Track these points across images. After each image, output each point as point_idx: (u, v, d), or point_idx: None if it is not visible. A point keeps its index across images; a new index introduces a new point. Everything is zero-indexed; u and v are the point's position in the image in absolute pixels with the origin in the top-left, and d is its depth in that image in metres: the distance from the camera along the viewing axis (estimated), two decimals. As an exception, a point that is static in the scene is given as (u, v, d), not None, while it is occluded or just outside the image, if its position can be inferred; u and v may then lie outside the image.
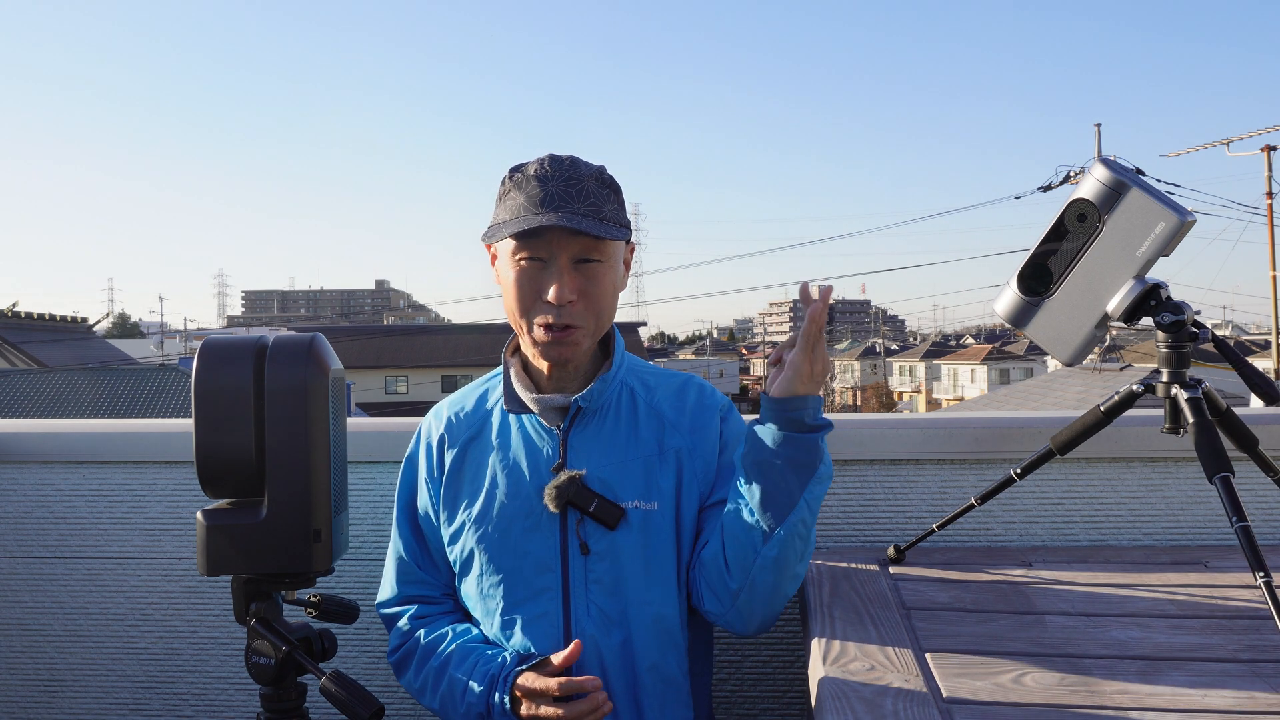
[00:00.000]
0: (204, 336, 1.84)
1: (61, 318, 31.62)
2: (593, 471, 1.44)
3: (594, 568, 1.43)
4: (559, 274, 1.39)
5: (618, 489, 1.44)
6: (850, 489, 1.82)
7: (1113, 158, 1.30)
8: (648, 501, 1.44)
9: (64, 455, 1.95)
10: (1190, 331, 1.28)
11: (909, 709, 1.08)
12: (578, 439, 1.46)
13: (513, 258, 1.41)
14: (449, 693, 1.44)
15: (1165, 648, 1.24)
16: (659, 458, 1.47)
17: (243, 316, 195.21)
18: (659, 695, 1.45)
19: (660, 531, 1.44)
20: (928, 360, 57.72)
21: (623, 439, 1.47)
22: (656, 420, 1.50)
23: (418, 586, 1.57)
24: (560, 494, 1.42)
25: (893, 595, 1.46)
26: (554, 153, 1.43)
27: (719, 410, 1.53)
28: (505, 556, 1.46)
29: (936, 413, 5.60)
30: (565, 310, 1.40)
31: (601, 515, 1.42)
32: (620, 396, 1.50)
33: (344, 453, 1.48)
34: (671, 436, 1.49)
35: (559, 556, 1.44)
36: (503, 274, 1.45)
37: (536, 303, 1.41)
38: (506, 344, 1.55)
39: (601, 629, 1.43)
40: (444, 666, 1.46)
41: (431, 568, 1.57)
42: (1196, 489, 1.77)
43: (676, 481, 1.47)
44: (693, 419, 1.50)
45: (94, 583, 1.95)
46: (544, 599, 1.44)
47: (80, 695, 1.96)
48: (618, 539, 1.43)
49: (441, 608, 1.57)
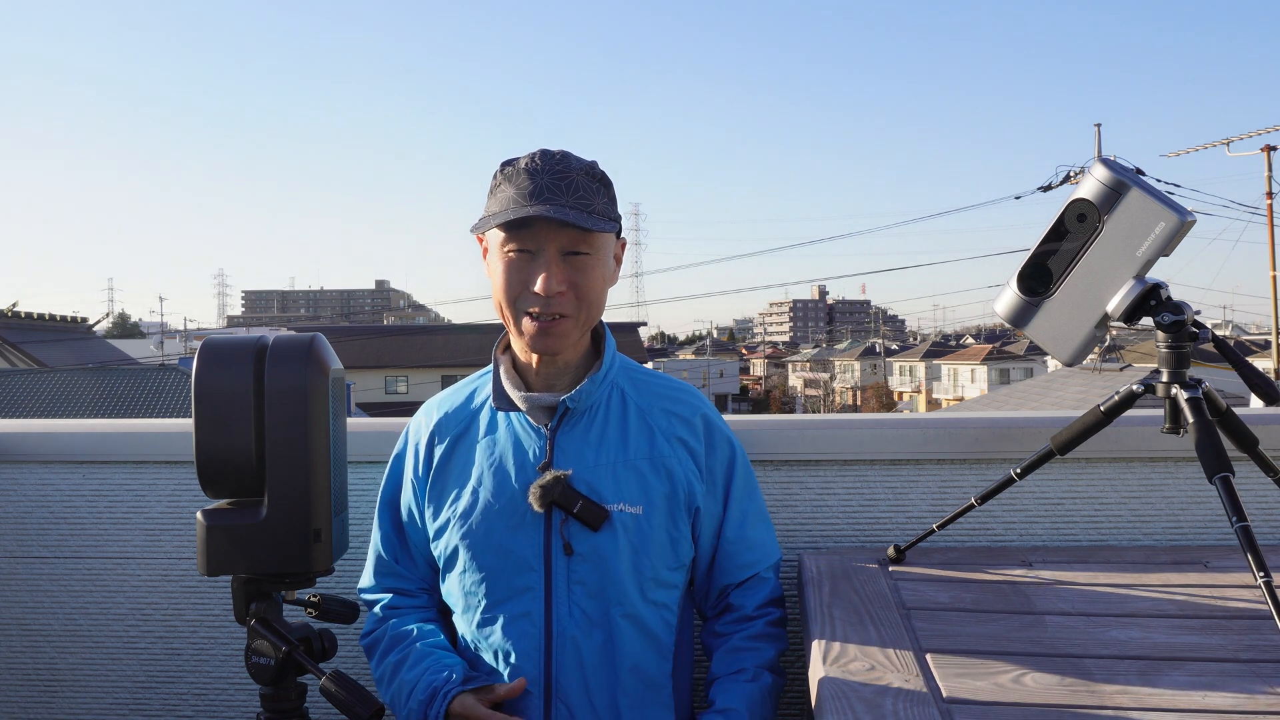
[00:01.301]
0: (204, 336, 1.84)
1: (61, 318, 31.61)
2: (579, 472, 1.44)
3: (577, 568, 1.43)
4: (547, 265, 1.39)
5: (603, 491, 1.44)
6: (850, 489, 1.82)
7: (1113, 158, 1.30)
8: (633, 505, 1.44)
9: (64, 455, 1.95)
10: (1190, 331, 1.28)
11: (909, 709, 1.08)
12: (565, 439, 1.46)
13: (501, 249, 1.42)
14: (397, 693, 1.47)
15: (1165, 648, 1.24)
16: (649, 463, 1.47)
17: (243, 316, 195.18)
18: (639, 697, 1.45)
19: (645, 536, 1.44)
20: (928, 360, 57.70)
21: (611, 441, 1.47)
22: (648, 426, 1.50)
23: (394, 580, 1.59)
24: (545, 493, 1.42)
25: (893, 595, 1.46)
26: (546, 147, 1.44)
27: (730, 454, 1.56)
28: (488, 554, 1.46)
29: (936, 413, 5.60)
30: (553, 301, 1.40)
31: (585, 516, 1.42)
32: (610, 397, 1.51)
33: (344, 453, 1.48)
34: (663, 443, 1.49)
35: (542, 556, 1.44)
36: (492, 265, 1.45)
37: (524, 293, 1.41)
38: (497, 342, 1.56)
39: (583, 629, 1.43)
40: (399, 665, 1.48)
41: (409, 563, 1.58)
42: (1196, 489, 1.77)
43: (669, 492, 1.47)
44: (707, 451, 1.53)
45: (94, 583, 1.95)
46: (526, 598, 1.44)
47: (80, 695, 1.96)
48: (601, 541, 1.43)
49: (415, 601, 1.58)
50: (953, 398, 49.49)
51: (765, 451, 1.80)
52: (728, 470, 1.54)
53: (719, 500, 1.54)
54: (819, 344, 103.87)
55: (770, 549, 1.57)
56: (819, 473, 1.82)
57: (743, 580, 1.54)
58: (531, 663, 1.43)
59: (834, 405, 61.58)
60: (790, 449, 1.81)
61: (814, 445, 1.82)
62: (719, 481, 1.53)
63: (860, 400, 59.18)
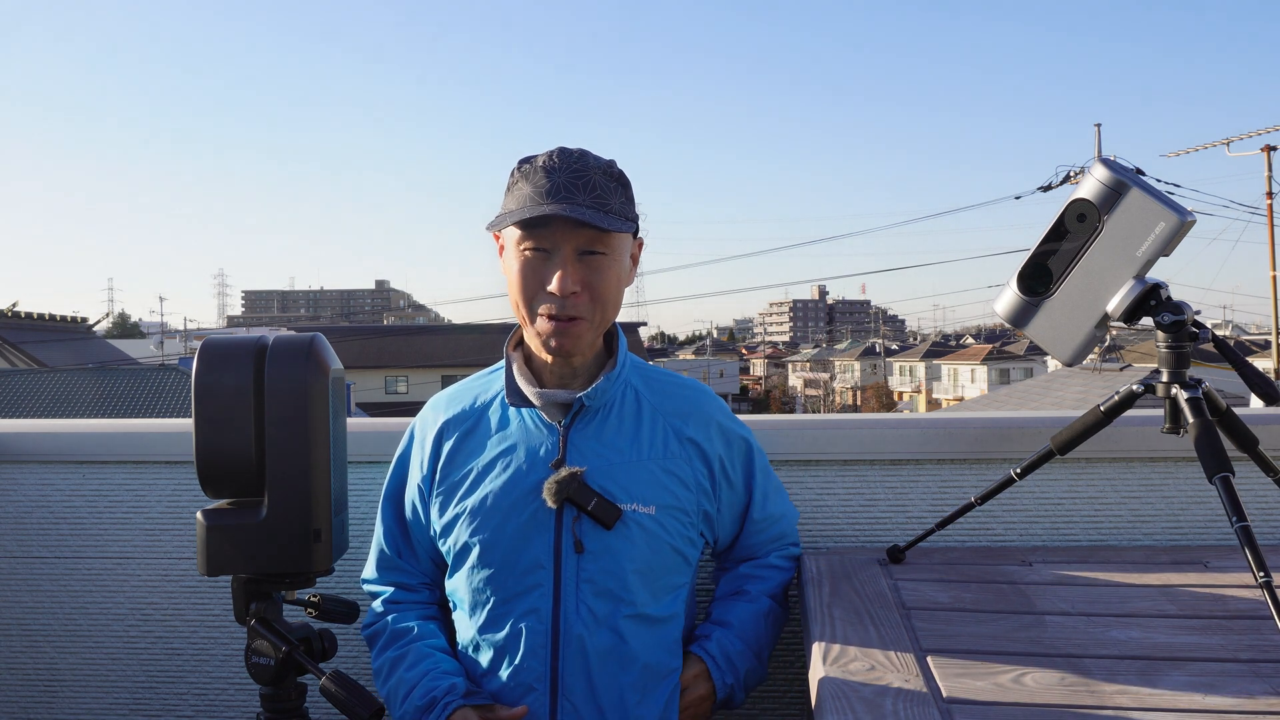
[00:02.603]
0: (204, 336, 1.84)
1: (61, 318, 31.61)
2: (592, 470, 1.44)
3: (586, 567, 1.42)
4: (563, 264, 1.39)
5: (616, 490, 1.43)
6: (850, 489, 1.82)
7: (1113, 158, 1.30)
8: (646, 505, 1.44)
9: (64, 455, 1.95)
10: (1190, 331, 1.28)
11: (909, 709, 1.08)
12: (579, 436, 1.46)
13: (517, 247, 1.41)
14: (394, 690, 1.48)
15: (1165, 648, 1.24)
16: (662, 464, 1.47)
17: (243, 316, 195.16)
18: (647, 693, 1.45)
19: (656, 536, 1.44)
20: (928, 360, 57.70)
21: (625, 439, 1.47)
22: (661, 426, 1.49)
23: (396, 574, 1.59)
24: (560, 489, 1.41)
25: (893, 595, 1.46)
26: (564, 145, 1.43)
27: (746, 449, 1.58)
28: (498, 551, 1.45)
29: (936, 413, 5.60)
30: (569, 301, 1.39)
31: (599, 514, 1.41)
32: (624, 395, 1.50)
33: (344, 453, 1.47)
34: (675, 443, 1.49)
35: (552, 553, 1.43)
36: (508, 263, 1.45)
37: (540, 292, 1.40)
38: (509, 337, 1.55)
39: (589, 628, 1.42)
40: (398, 662, 1.49)
41: (412, 558, 1.58)
42: (1196, 489, 1.77)
43: (681, 494, 1.47)
44: (724, 450, 1.54)
45: (94, 583, 1.95)
46: (534, 595, 1.43)
47: (80, 695, 1.96)
48: (613, 540, 1.42)
49: (417, 596, 1.58)
50: (953, 398, 49.49)
51: (765, 452, 1.80)
52: (746, 464, 1.56)
53: (741, 492, 1.56)
54: (819, 344, 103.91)
55: (791, 514, 1.64)
56: (819, 473, 1.82)
57: (769, 551, 1.61)
58: (538, 660, 1.42)
59: (834, 405, 61.59)
60: (790, 449, 1.81)
61: (814, 445, 1.82)
62: (739, 477, 1.55)
63: (860, 400, 59.18)
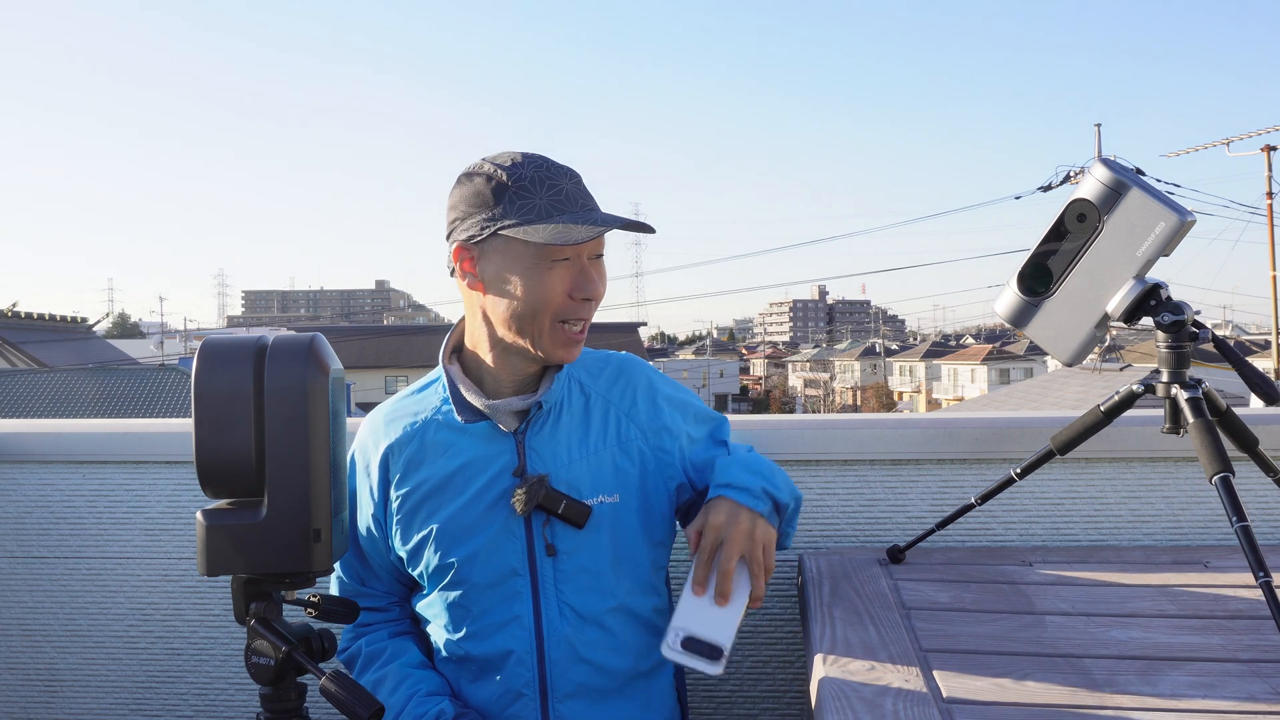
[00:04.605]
0: (204, 336, 1.84)
1: (61, 318, 31.61)
2: (555, 472, 1.42)
3: (562, 566, 1.42)
4: (587, 270, 1.38)
5: (581, 485, 1.42)
6: (850, 489, 1.82)
7: (1113, 158, 1.30)
8: (610, 495, 1.43)
9: (64, 455, 1.95)
10: (1190, 331, 1.28)
11: (909, 709, 1.08)
12: (535, 440, 1.43)
13: (540, 259, 1.35)
14: None
15: (1165, 648, 1.24)
16: (619, 447, 1.46)
17: (243, 316, 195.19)
18: (634, 686, 1.45)
19: (626, 523, 1.44)
20: (928, 360, 57.71)
21: (579, 434, 1.45)
22: (603, 409, 1.48)
23: (362, 599, 1.54)
24: (530, 498, 1.39)
25: (893, 595, 1.46)
26: (524, 151, 1.41)
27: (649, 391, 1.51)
28: (472, 569, 1.43)
29: (936, 413, 5.60)
30: (591, 306, 1.39)
31: (570, 515, 1.40)
32: (570, 391, 1.48)
33: (344, 453, 1.47)
34: (626, 426, 1.47)
35: (526, 560, 1.42)
36: (516, 277, 1.36)
37: (567, 302, 1.37)
38: (443, 349, 1.50)
39: (574, 627, 1.42)
40: (377, 685, 1.47)
41: (375, 580, 1.55)
42: (1196, 489, 1.77)
43: (639, 471, 1.46)
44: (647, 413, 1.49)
45: (94, 583, 1.95)
46: (514, 603, 1.42)
47: (80, 695, 1.96)
48: (584, 535, 1.42)
49: (386, 615, 1.56)
50: (953, 398, 49.50)
51: (765, 451, 1.80)
52: (651, 402, 1.51)
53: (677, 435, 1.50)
54: (819, 344, 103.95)
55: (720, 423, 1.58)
56: (819, 473, 1.82)
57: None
58: (525, 666, 1.42)
59: (834, 405, 61.62)
60: (790, 449, 1.81)
61: (814, 445, 1.82)
62: (663, 419, 1.50)
63: (860, 400, 59.19)
